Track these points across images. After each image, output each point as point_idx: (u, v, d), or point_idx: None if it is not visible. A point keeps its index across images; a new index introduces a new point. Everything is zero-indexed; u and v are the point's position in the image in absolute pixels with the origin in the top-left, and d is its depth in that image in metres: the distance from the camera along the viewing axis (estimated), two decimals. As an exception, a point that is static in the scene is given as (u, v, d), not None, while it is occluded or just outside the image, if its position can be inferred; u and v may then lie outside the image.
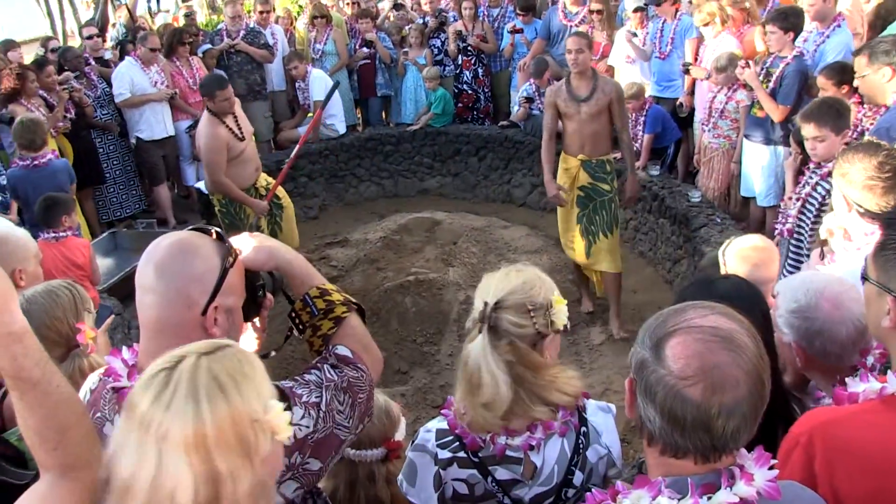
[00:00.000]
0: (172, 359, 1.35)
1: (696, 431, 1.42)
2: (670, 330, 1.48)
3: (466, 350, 2.12)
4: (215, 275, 1.75)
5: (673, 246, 6.95)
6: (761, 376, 1.45)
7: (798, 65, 5.92)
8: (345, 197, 9.64)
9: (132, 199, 8.50)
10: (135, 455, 1.26)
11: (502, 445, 2.11)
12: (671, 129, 7.59)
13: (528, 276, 2.19)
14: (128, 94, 8.02)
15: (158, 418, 1.27)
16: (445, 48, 9.75)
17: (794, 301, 2.28)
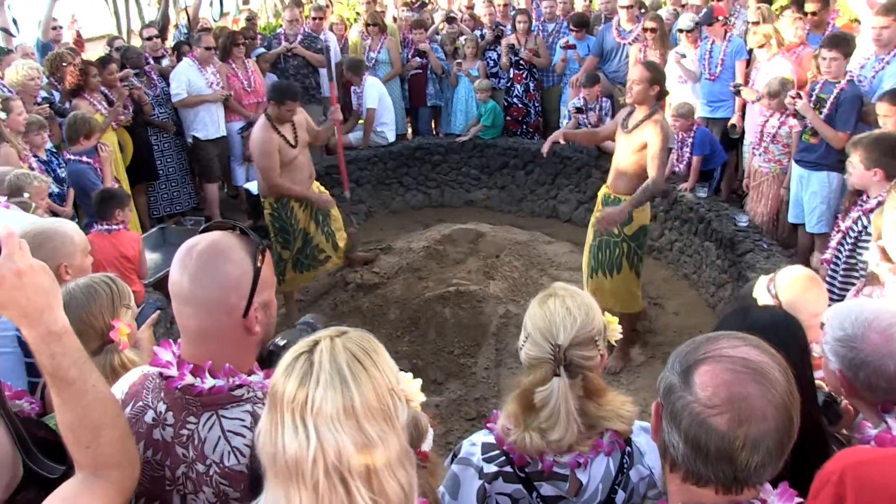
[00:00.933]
0: (307, 344, 1.44)
1: (719, 462, 1.41)
2: (700, 357, 1.48)
3: (546, 392, 2.09)
4: (250, 277, 1.78)
5: (717, 270, 6.87)
6: (790, 412, 1.43)
7: (853, 90, 5.84)
8: (391, 204, 9.70)
9: (183, 196, 8.65)
10: (293, 434, 1.34)
11: (550, 462, 2.13)
12: (718, 152, 7.52)
13: (584, 302, 2.20)
14: (184, 94, 8.16)
15: (311, 396, 1.36)
16: (500, 62, 9.77)
17: (842, 329, 2.22)
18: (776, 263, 5.94)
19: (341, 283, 7.47)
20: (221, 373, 1.78)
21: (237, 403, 1.79)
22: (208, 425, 1.77)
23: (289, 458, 1.34)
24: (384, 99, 9.28)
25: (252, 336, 1.83)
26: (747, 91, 7.13)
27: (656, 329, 6.67)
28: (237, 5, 21.09)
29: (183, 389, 1.77)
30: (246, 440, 1.76)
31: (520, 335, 2.25)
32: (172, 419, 1.80)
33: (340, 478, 1.34)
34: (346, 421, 1.35)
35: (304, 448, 1.33)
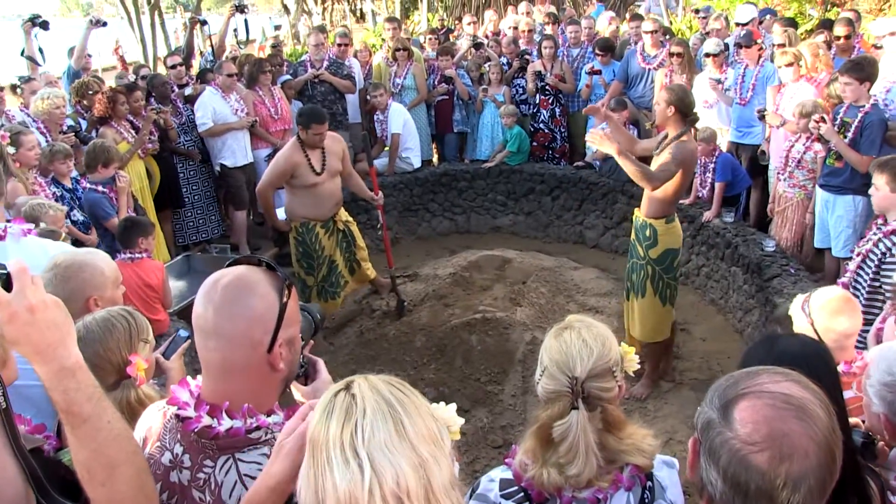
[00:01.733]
0: (341, 385, 1.44)
1: (758, 500, 1.37)
2: (740, 393, 1.45)
3: (564, 426, 2.07)
4: (275, 312, 1.76)
5: (745, 295, 6.81)
6: (833, 450, 1.40)
7: (877, 114, 5.82)
8: (417, 231, 9.72)
9: (210, 224, 8.70)
10: (343, 469, 1.31)
11: (568, 498, 2.10)
12: (741, 177, 7.49)
13: (600, 333, 2.19)
14: (210, 123, 8.21)
15: (360, 427, 1.34)
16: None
17: (889, 373, 2.18)
18: (803, 288, 5.85)
19: (367, 311, 7.48)
20: (239, 414, 1.76)
21: (254, 446, 1.77)
22: (225, 469, 1.75)
23: (341, 497, 1.30)
24: (408, 124, 9.33)
25: (276, 373, 1.80)
26: (771, 116, 7.10)
27: (683, 355, 6.60)
28: (263, 32, 21.38)
29: (199, 432, 1.75)
30: None
31: (536, 369, 2.24)
32: (189, 462, 1.77)
33: (399, 501, 1.31)
34: (400, 443, 1.34)
35: (359, 481, 1.30)
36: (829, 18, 8.38)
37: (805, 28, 10.37)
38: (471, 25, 12.37)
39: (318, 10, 24.36)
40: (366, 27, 20.44)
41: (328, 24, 22.99)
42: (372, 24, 21.38)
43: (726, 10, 11.72)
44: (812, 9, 11.80)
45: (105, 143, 6.51)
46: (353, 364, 6.57)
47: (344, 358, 6.71)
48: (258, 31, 21.23)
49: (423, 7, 19.45)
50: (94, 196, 6.24)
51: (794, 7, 11.61)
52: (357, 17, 25.36)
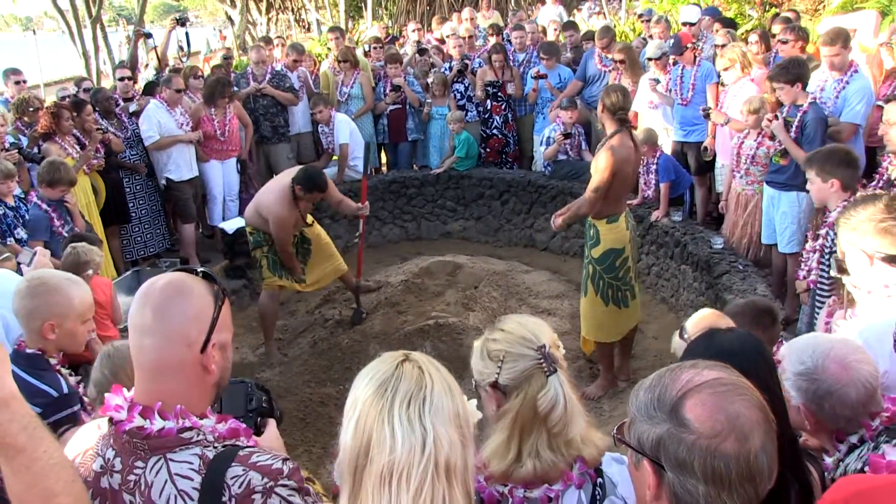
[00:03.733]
0: (400, 356, 1.64)
1: (742, 485, 1.40)
2: (680, 394, 1.47)
3: (549, 392, 2.04)
4: (210, 314, 1.82)
5: (695, 292, 6.89)
6: (767, 410, 1.47)
7: (815, 112, 5.93)
8: (367, 239, 9.63)
9: (157, 237, 8.55)
10: (410, 434, 1.45)
11: (520, 499, 2.07)
12: (683, 177, 7.60)
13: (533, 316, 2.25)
14: (156, 137, 8.09)
15: (429, 398, 1.49)
16: (469, 94, 9.83)
17: (801, 363, 2.25)
18: (752, 284, 5.98)
19: (320, 321, 7.43)
20: (172, 414, 1.77)
21: (186, 446, 1.76)
22: (155, 469, 1.74)
23: (399, 459, 1.42)
24: (354, 134, 9.28)
25: (208, 376, 1.83)
26: (716, 114, 7.20)
27: (637, 354, 6.65)
28: (208, 44, 21.20)
29: (130, 433, 1.75)
30: (194, 483, 1.72)
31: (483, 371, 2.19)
32: (120, 465, 1.77)
33: (447, 474, 1.44)
34: (457, 422, 1.49)
35: (419, 446, 1.42)
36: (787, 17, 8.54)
37: (745, 28, 10.55)
38: (416, 32, 12.40)
39: (263, 20, 24.21)
40: (311, 37, 20.36)
41: (273, 34, 22.88)
42: (317, 34, 21.32)
43: (668, 12, 11.88)
44: (751, 9, 11.99)
45: (56, 162, 6.35)
46: (307, 374, 6.51)
47: (298, 369, 6.65)
48: (202, 42, 21.05)
49: (367, 15, 19.46)
50: (38, 213, 6.12)
51: (734, 8, 11.80)
52: (302, 27, 25.24)
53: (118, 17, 36.15)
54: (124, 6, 38.50)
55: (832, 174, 4.47)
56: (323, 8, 23.04)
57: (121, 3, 39.71)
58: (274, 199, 6.54)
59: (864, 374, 2.22)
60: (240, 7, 21.22)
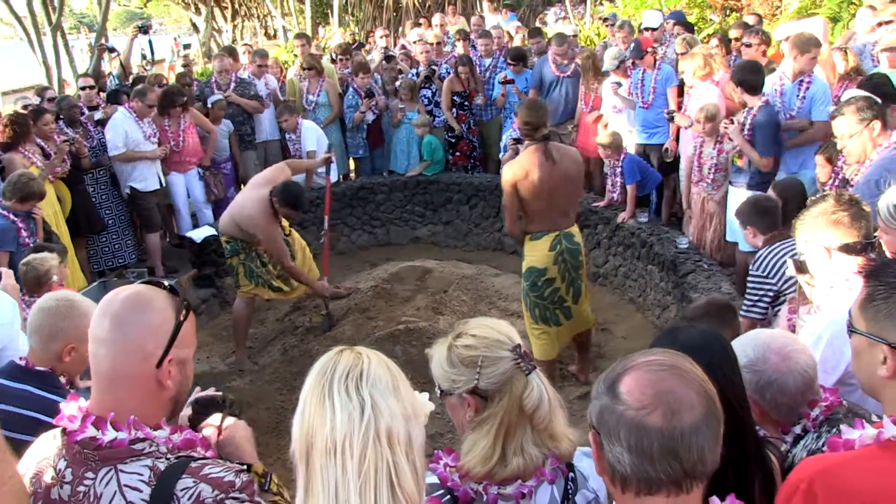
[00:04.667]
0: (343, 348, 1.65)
1: (665, 458, 1.45)
2: (621, 371, 1.56)
3: (534, 390, 2.06)
4: (170, 328, 1.82)
5: (662, 292, 6.98)
6: (712, 397, 1.51)
7: (764, 115, 6.08)
8: (336, 245, 9.67)
9: (125, 248, 8.49)
10: (346, 403, 1.49)
11: (494, 495, 2.09)
12: (650, 177, 7.69)
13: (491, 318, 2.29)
14: (122, 148, 8.02)
15: (366, 372, 1.53)
16: (436, 99, 9.87)
17: (745, 356, 2.35)
18: (717, 283, 6.07)
19: (290, 328, 7.42)
20: (125, 425, 1.77)
21: (136, 458, 1.76)
22: (105, 480, 1.74)
23: (338, 429, 1.45)
24: (321, 140, 9.29)
25: (163, 391, 1.84)
26: (680, 117, 7.30)
27: (606, 354, 6.72)
28: (172, 51, 21.06)
29: (82, 443, 1.76)
30: (143, 495, 1.72)
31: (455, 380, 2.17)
32: (71, 476, 1.76)
33: (389, 441, 1.47)
34: (395, 395, 1.52)
35: (358, 415, 1.47)
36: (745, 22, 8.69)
37: (706, 32, 10.68)
38: (383, 38, 12.41)
39: (228, 27, 24.10)
40: (277, 44, 20.30)
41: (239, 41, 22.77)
42: (283, 41, 21.26)
43: (632, 17, 12.00)
44: (713, 14, 12.14)
45: (26, 177, 6.27)
46: (279, 382, 6.50)
47: (269, 377, 6.64)
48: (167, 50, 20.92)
49: (333, 22, 19.44)
50: (4, 223, 6.05)
51: (695, 12, 11.95)
52: (268, 35, 25.17)
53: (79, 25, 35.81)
54: (85, 13, 38.07)
55: (748, 223, 4.73)
56: (289, 15, 22.97)
57: (82, 10, 39.26)
58: (256, 214, 6.52)
59: (802, 363, 2.34)
60: (205, 14, 21.13)
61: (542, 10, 20.68)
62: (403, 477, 1.48)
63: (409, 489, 1.48)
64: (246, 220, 6.55)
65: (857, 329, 1.88)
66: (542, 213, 5.64)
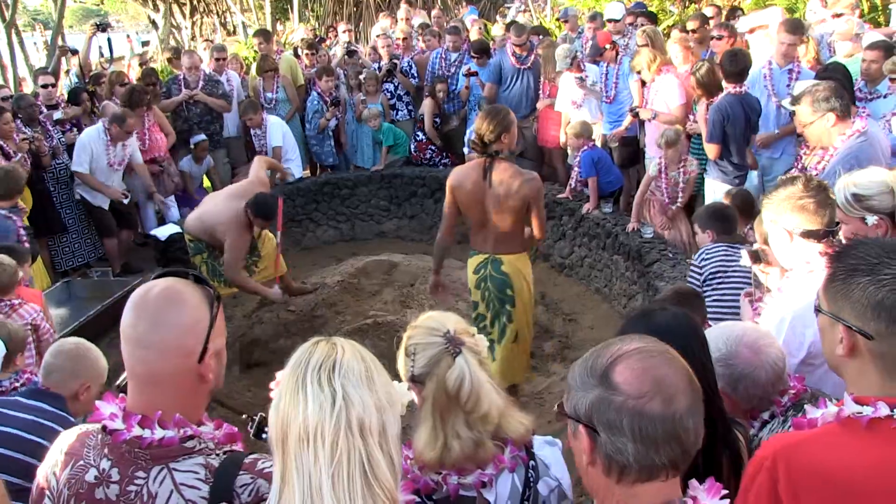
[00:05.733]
0: (319, 339, 1.64)
1: (668, 443, 1.49)
2: (610, 361, 1.57)
3: (456, 370, 2.11)
4: (206, 322, 1.79)
5: (627, 282, 7.04)
6: (694, 379, 1.57)
7: (724, 101, 6.23)
8: (302, 241, 9.65)
9: (86, 247, 8.38)
10: (318, 393, 1.50)
11: (455, 485, 2.11)
12: (613, 175, 7.81)
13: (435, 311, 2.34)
14: (86, 168, 7.90)
15: (338, 362, 1.54)
16: (399, 93, 9.88)
17: (717, 350, 2.40)
18: (682, 271, 6.13)
19: (257, 324, 7.38)
20: (171, 423, 1.75)
21: (189, 455, 1.75)
22: (159, 479, 1.72)
23: (310, 419, 1.47)
24: (288, 136, 9.27)
25: (204, 384, 1.82)
26: (644, 111, 7.40)
27: (574, 345, 6.78)
28: (131, 49, 20.79)
29: (130, 442, 1.73)
30: (202, 492, 1.72)
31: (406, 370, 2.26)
32: (118, 475, 1.73)
33: (361, 431, 1.48)
34: (368, 385, 1.54)
35: (329, 405, 1.47)
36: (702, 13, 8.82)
37: (666, 24, 10.78)
38: (346, 34, 12.37)
39: (187, 24, 23.84)
40: (237, 40, 20.12)
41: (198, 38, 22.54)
42: (243, 37, 21.08)
43: (592, 9, 12.06)
44: (672, 5, 12.24)
45: (9, 172, 6.23)
46: (247, 379, 6.48)
47: (236, 373, 6.61)
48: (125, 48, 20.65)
49: (294, 17, 19.31)
50: (6, 223, 6.06)
51: (655, 4, 12.04)
52: (227, 31, 24.94)
53: (34, 22, 35.21)
54: (40, 10, 37.42)
55: (708, 227, 4.90)
56: (248, 10, 22.79)
57: (36, 6, 38.58)
58: (232, 226, 6.51)
59: (772, 357, 2.41)
60: (163, 11, 20.89)
61: (503, 2, 20.71)
62: (377, 466, 1.49)
63: (383, 478, 1.49)
64: (219, 229, 6.55)
65: (821, 309, 1.94)
66: (477, 231, 5.33)
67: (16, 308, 4.99)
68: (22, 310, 4.99)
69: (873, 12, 9.16)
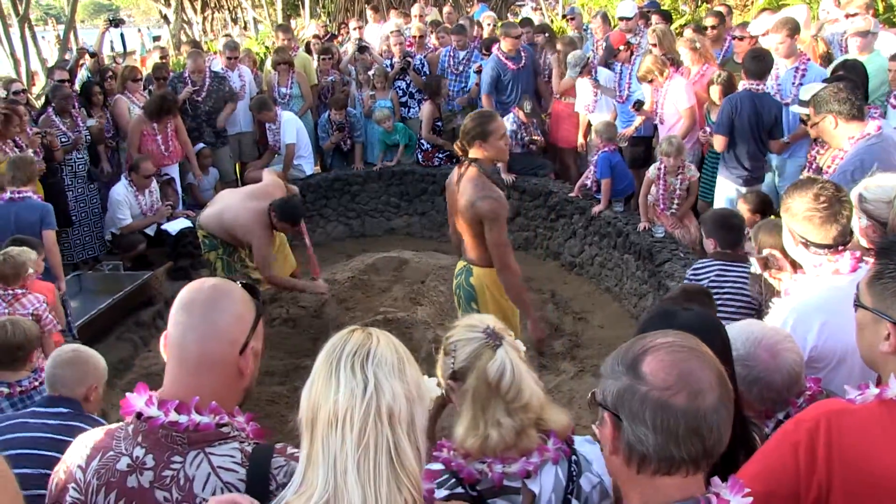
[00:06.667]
0: (355, 327, 1.69)
1: (689, 438, 1.48)
2: (640, 352, 1.57)
3: (497, 362, 2.13)
4: (252, 317, 1.90)
5: (638, 281, 7.03)
6: (725, 379, 1.55)
7: (738, 95, 6.29)
8: (312, 237, 9.63)
9: (95, 240, 8.41)
10: (350, 379, 1.55)
11: (499, 474, 2.11)
12: (625, 180, 7.80)
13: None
14: (129, 220, 8.04)
15: (373, 350, 1.58)
16: (410, 90, 9.88)
17: (734, 350, 2.39)
18: (694, 271, 6.12)
19: (266, 320, 7.39)
20: (207, 410, 1.80)
21: (225, 441, 1.80)
22: (196, 463, 1.76)
23: (341, 403, 1.51)
24: (301, 132, 9.29)
25: (242, 379, 1.90)
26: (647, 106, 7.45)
27: (583, 343, 6.77)
28: (143, 43, 20.83)
29: (166, 427, 1.77)
30: (239, 475, 1.76)
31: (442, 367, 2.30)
32: (153, 462, 1.77)
33: (390, 419, 1.52)
34: (400, 376, 1.58)
35: (360, 392, 1.52)
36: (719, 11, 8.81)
37: (679, 23, 10.75)
38: (357, 30, 12.36)
39: (198, 19, 23.88)
40: (248, 35, 20.14)
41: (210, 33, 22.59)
42: (254, 33, 21.10)
43: (604, 7, 12.04)
44: (684, 4, 12.22)
45: (28, 159, 6.40)
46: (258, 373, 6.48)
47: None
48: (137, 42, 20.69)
49: (305, 13, 19.32)
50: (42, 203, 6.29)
51: (667, 3, 12.01)
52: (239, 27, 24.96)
53: (46, 16, 35.31)
54: (52, 4, 37.54)
55: (711, 234, 4.80)
56: (259, 6, 22.82)
57: (48, 1, 38.73)
58: (255, 226, 6.52)
59: (790, 361, 2.41)
60: (174, 6, 20.92)
61: (514, 1, 20.69)
62: (404, 455, 1.52)
63: (410, 466, 1.52)
64: (241, 229, 6.54)
65: (863, 304, 1.93)
66: (457, 234, 5.12)
67: (19, 297, 5.05)
68: (24, 299, 5.06)
69: (888, 12, 9.11)
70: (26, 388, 4.05)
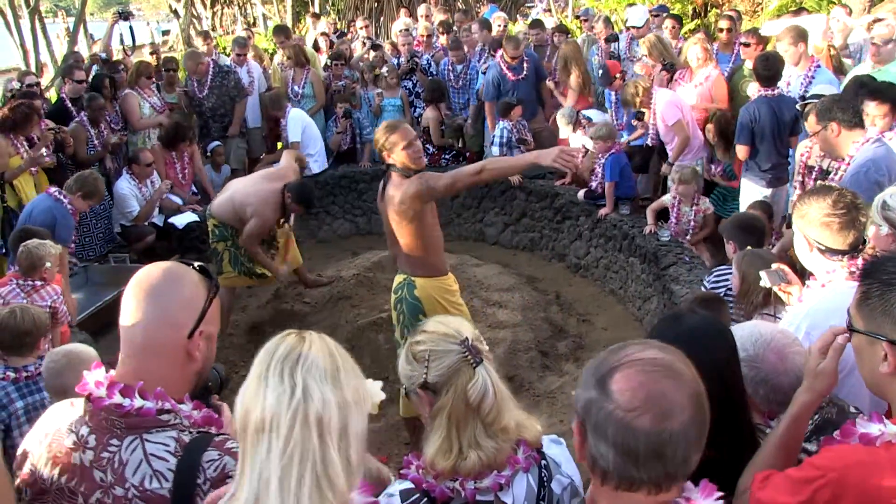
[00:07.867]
0: (293, 331, 1.62)
1: (649, 461, 1.44)
2: (612, 367, 1.52)
3: (478, 382, 2.06)
4: (202, 302, 1.87)
5: (643, 284, 7.04)
6: (702, 401, 1.49)
7: (755, 103, 6.29)
8: (318, 234, 9.68)
9: (97, 241, 8.27)
10: (278, 384, 1.48)
11: (472, 490, 2.07)
12: (628, 183, 7.81)
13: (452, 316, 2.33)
14: (137, 209, 8.11)
15: (303, 355, 1.52)
16: (417, 90, 9.90)
17: (743, 350, 2.37)
18: (698, 275, 6.12)
19: (271, 315, 7.41)
20: (152, 395, 1.80)
21: (162, 428, 1.81)
22: (131, 448, 1.78)
23: (267, 409, 1.46)
24: (308, 130, 9.28)
25: (191, 363, 1.88)
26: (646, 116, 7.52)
27: (587, 345, 6.77)
28: (151, 36, 20.87)
29: (108, 409, 1.79)
30: (169, 464, 1.77)
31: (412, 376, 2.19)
32: (94, 442, 1.80)
33: (318, 428, 1.46)
34: (333, 382, 1.51)
35: (287, 399, 1.46)
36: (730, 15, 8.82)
37: (688, 28, 10.77)
38: (364, 29, 12.38)
39: (208, 14, 23.92)
40: (257, 31, 20.17)
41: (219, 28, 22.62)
42: (263, 29, 21.14)
43: (613, 11, 12.06)
44: (693, 9, 12.23)
45: (94, 176, 6.60)
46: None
47: (250, 365, 6.63)
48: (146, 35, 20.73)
49: (314, 10, 19.33)
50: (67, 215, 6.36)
51: (677, 8, 12.02)
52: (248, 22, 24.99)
53: (56, 8, 35.38)
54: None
55: (732, 238, 4.84)
56: (269, 3, 22.86)
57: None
58: (266, 207, 6.56)
59: (798, 364, 2.36)
60: (184, 1, 20.96)
61: (524, 1, 20.69)
62: (331, 466, 1.47)
63: (336, 481, 1.47)
64: (251, 208, 6.55)
65: (856, 328, 1.90)
66: (392, 248, 5.21)
67: (38, 289, 5.08)
68: (43, 291, 5.10)
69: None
70: (32, 374, 4.07)
